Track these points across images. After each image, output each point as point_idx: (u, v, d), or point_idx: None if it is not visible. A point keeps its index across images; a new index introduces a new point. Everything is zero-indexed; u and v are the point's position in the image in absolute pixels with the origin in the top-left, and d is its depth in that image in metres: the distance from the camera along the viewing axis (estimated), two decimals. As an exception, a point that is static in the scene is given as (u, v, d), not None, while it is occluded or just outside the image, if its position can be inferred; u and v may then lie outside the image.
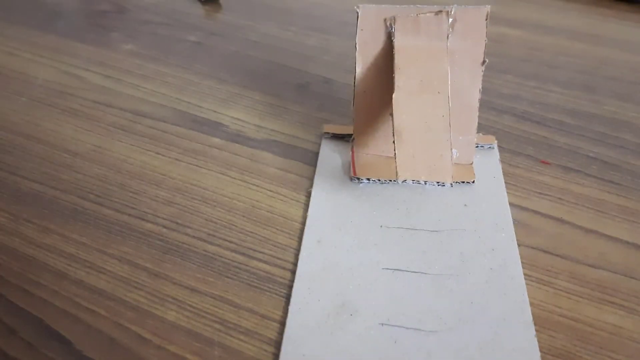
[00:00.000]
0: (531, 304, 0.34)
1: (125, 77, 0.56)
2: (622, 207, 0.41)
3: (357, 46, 0.41)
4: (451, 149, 0.39)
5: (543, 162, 0.45)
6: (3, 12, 0.68)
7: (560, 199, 0.42)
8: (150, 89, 0.54)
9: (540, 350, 0.32)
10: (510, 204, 0.41)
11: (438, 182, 0.41)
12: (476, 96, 0.41)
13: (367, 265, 0.36)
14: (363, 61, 0.41)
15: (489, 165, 0.44)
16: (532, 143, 0.47)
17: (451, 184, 0.40)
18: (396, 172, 0.38)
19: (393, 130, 0.38)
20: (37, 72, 0.57)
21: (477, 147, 0.45)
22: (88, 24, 0.66)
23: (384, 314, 0.33)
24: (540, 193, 0.42)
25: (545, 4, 0.72)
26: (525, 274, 0.36)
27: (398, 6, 0.40)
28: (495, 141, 0.46)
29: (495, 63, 0.58)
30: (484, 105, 0.52)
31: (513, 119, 0.50)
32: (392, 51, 0.40)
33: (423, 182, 0.41)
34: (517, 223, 0.39)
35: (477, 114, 0.42)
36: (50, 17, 0.67)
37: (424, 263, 0.36)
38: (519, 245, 0.38)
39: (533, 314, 0.34)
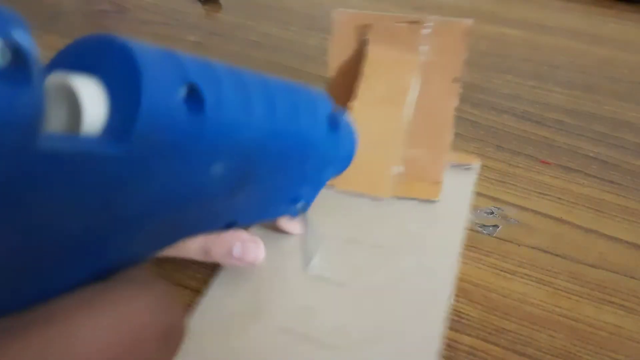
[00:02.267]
0: (531, 304, 0.34)
1: (125, 77, 0.56)
2: (622, 207, 0.41)
3: (330, 50, 0.40)
4: (398, 166, 0.38)
5: (543, 162, 0.45)
6: (3, 12, 0.68)
7: (560, 198, 0.42)
8: (150, 89, 0.54)
9: (540, 350, 0.32)
10: (511, 204, 0.41)
11: (374, 197, 0.39)
12: (450, 113, 0.39)
13: (288, 272, 0.34)
14: (335, 67, 0.40)
15: (460, 187, 0.42)
16: (532, 143, 0.47)
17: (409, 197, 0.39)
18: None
19: None
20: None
21: (455, 166, 0.43)
22: (88, 24, 0.66)
23: (291, 321, 0.31)
24: (540, 193, 0.42)
25: (545, 3, 0.72)
26: (525, 274, 0.36)
27: (374, 13, 0.38)
28: (478, 162, 0.44)
29: (495, 63, 0.58)
30: (484, 105, 0.52)
31: (513, 119, 0.50)
32: (363, 59, 0.39)
33: (359, 194, 0.39)
34: (517, 223, 0.39)
35: (451, 131, 0.40)
36: (50, 17, 0.67)
37: (353, 276, 0.34)
38: (518, 245, 0.38)
39: (533, 314, 0.33)
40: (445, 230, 0.38)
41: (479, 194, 0.42)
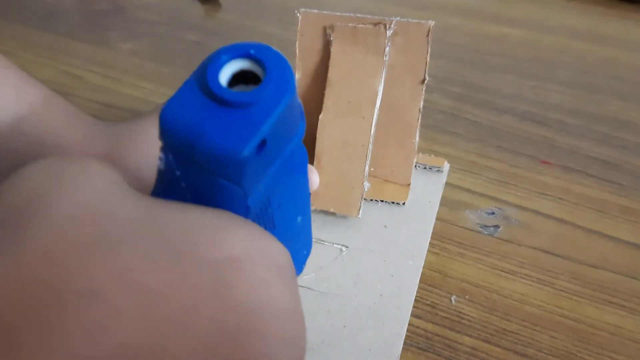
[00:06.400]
0: (532, 305, 0.34)
1: (125, 76, 0.56)
2: (623, 207, 0.41)
3: (297, 52, 0.40)
4: (363, 182, 0.37)
5: (544, 162, 0.45)
6: (2, 12, 0.68)
7: (561, 199, 0.42)
8: (149, 89, 0.54)
9: (541, 351, 0.32)
10: (512, 204, 0.41)
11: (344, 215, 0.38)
12: (415, 115, 0.39)
13: None
14: (303, 68, 0.39)
15: (429, 189, 0.41)
16: (533, 143, 0.47)
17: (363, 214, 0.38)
18: None
19: (314, 152, 0.37)
20: (36, 71, 0.57)
21: (424, 168, 0.43)
22: (87, 24, 0.66)
23: None
24: (541, 193, 0.42)
25: (546, 3, 0.72)
26: (526, 275, 0.36)
27: (339, 14, 0.38)
28: (447, 164, 0.43)
29: (497, 62, 0.58)
30: (485, 105, 0.52)
31: (514, 119, 0.50)
32: (330, 62, 0.38)
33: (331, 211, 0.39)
34: (518, 223, 0.39)
35: (417, 133, 0.39)
36: (49, 17, 0.67)
37: (315, 279, 0.35)
38: (519, 245, 0.37)
39: (534, 315, 0.33)
40: (413, 232, 0.38)
41: (480, 195, 0.42)
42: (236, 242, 0.15)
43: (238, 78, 0.17)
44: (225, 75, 0.17)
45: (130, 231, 0.14)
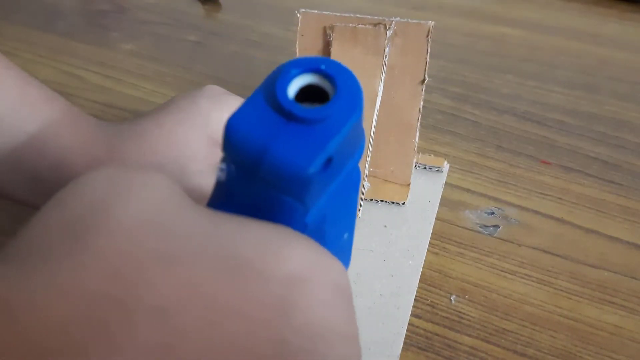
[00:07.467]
0: (532, 304, 0.34)
1: (125, 77, 0.56)
2: (622, 207, 0.41)
3: (297, 52, 0.40)
4: (363, 182, 0.37)
5: (543, 162, 0.45)
6: (3, 12, 0.68)
7: (560, 199, 0.42)
8: (150, 89, 0.54)
9: (541, 351, 0.32)
10: (511, 204, 0.41)
11: None
12: (415, 115, 0.39)
13: None
14: None
15: (429, 189, 0.41)
16: (532, 143, 0.47)
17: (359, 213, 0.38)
18: None
19: None
20: (36, 72, 0.57)
21: (424, 168, 0.43)
22: (88, 24, 0.66)
23: None
24: (541, 193, 0.42)
25: (545, 3, 0.72)
26: (525, 274, 0.36)
27: (339, 14, 0.38)
28: (447, 164, 0.43)
29: (496, 63, 0.58)
30: (485, 105, 0.52)
31: (513, 119, 0.50)
32: None
33: None
34: (517, 223, 0.39)
35: (417, 133, 0.39)
36: (50, 17, 0.67)
37: None
38: (519, 245, 0.38)
39: (533, 314, 0.33)
40: (413, 232, 0.38)
41: (480, 194, 0.42)
42: (299, 260, 0.15)
43: (302, 91, 0.17)
44: (292, 89, 0.16)
45: (195, 246, 0.14)
